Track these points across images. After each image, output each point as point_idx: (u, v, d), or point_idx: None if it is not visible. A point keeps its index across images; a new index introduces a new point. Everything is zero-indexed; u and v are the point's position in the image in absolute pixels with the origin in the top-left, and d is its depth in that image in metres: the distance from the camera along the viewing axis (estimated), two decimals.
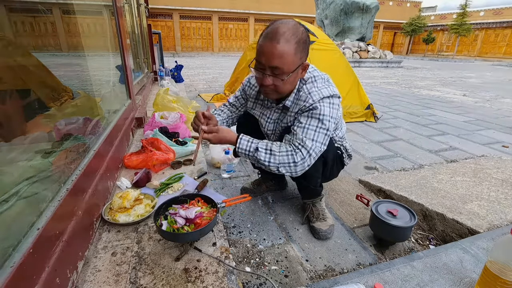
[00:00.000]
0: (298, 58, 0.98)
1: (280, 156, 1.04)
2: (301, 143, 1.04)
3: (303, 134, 1.05)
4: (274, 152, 1.05)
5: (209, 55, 20.09)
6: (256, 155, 1.06)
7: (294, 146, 1.05)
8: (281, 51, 0.93)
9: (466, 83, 7.80)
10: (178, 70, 6.08)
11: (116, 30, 2.21)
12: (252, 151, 1.07)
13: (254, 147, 1.07)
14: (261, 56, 0.97)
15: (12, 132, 0.95)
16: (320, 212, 1.38)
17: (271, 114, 1.25)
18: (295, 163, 1.04)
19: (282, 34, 0.93)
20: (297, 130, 1.07)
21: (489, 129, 3.24)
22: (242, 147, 1.08)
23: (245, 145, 1.08)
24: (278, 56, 0.94)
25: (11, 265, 0.61)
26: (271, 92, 1.06)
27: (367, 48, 13.12)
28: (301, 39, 0.96)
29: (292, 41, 0.94)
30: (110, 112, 1.88)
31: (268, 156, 1.05)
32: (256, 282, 1.06)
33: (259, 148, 1.06)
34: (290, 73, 0.98)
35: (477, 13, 25.08)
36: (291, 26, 0.96)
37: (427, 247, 1.31)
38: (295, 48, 0.95)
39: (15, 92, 1.04)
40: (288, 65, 0.96)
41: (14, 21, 1.09)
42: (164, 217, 1.02)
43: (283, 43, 0.93)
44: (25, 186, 0.81)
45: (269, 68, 0.98)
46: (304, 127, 1.06)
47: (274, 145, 1.07)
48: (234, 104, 1.38)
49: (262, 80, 1.01)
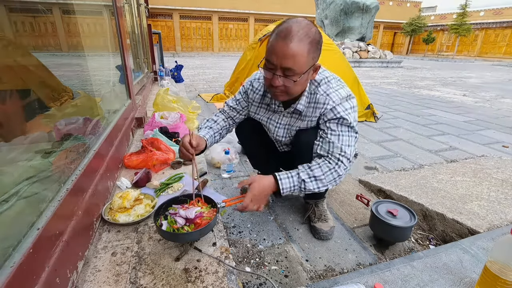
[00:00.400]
0: (311, 59, 0.94)
1: (326, 177, 1.04)
2: (341, 152, 1.04)
3: (340, 141, 1.05)
4: (319, 177, 1.04)
5: (209, 55, 20.09)
6: (303, 187, 1.04)
7: (334, 159, 1.04)
8: (294, 51, 0.89)
9: (466, 83, 7.80)
10: (178, 70, 6.09)
11: (116, 30, 2.21)
12: (297, 185, 1.04)
13: (298, 181, 1.04)
14: (272, 56, 0.93)
15: (12, 132, 0.95)
16: (322, 213, 1.38)
17: (280, 119, 1.20)
18: (340, 176, 1.06)
19: (296, 33, 0.89)
20: (332, 138, 1.05)
21: (489, 129, 3.24)
22: (285, 187, 1.04)
23: (288, 183, 1.04)
24: (291, 56, 0.90)
25: (11, 265, 0.61)
26: (280, 94, 1.02)
27: (367, 48, 13.12)
28: (314, 39, 0.92)
29: (306, 41, 0.90)
30: (110, 112, 1.88)
31: (315, 183, 1.04)
32: (256, 282, 1.06)
33: (305, 180, 1.03)
34: (302, 74, 0.94)
35: (477, 13, 25.09)
36: (304, 25, 0.91)
37: (427, 247, 1.31)
38: (309, 49, 0.91)
39: (15, 92, 1.04)
40: (301, 65, 0.92)
41: (14, 21, 1.09)
42: (164, 217, 1.02)
43: (297, 43, 0.89)
44: (25, 186, 0.81)
45: (280, 69, 0.93)
46: (339, 134, 1.05)
47: (315, 168, 1.04)
48: (235, 108, 1.31)
49: (272, 80, 0.96)
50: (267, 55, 0.96)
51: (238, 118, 1.33)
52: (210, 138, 1.22)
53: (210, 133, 1.23)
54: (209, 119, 1.32)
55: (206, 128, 1.26)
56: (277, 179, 1.04)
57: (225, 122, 1.32)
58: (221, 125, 1.30)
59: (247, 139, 1.45)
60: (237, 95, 1.31)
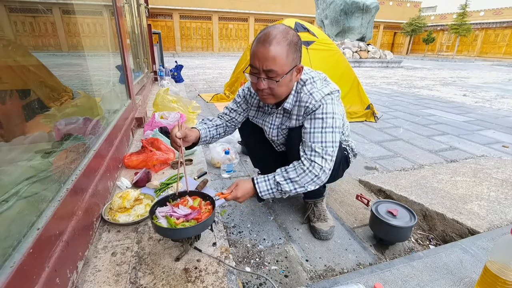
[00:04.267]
0: (291, 60, 0.99)
1: (301, 178, 1.05)
2: (312, 152, 1.05)
3: (310, 139, 1.05)
4: (294, 179, 1.05)
5: (209, 55, 20.09)
6: (280, 189, 1.07)
7: (307, 159, 1.05)
8: (273, 53, 0.94)
9: (466, 83, 7.80)
10: (178, 70, 6.09)
11: (116, 30, 2.21)
12: (274, 187, 1.07)
13: (274, 183, 1.07)
14: (255, 60, 0.99)
15: (12, 132, 0.95)
16: (321, 213, 1.38)
17: (273, 120, 1.23)
18: (317, 176, 1.05)
19: (274, 36, 0.95)
20: (305, 136, 1.07)
21: (489, 129, 3.24)
22: (263, 190, 1.07)
23: (265, 186, 1.08)
24: (271, 58, 0.95)
25: (11, 265, 0.61)
26: (268, 96, 1.06)
27: (367, 48, 13.12)
28: (292, 41, 0.98)
29: (283, 43, 0.96)
30: (110, 112, 1.88)
31: (291, 185, 1.06)
32: (256, 282, 1.06)
33: (280, 182, 1.06)
34: (284, 75, 0.99)
35: (477, 13, 25.08)
36: (282, 30, 0.98)
37: (427, 247, 1.31)
38: (287, 50, 0.96)
39: (15, 92, 1.04)
40: (282, 66, 0.97)
41: (14, 21, 1.09)
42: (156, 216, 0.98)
43: (275, 45, 0.94)
44: (25, 186, 0.81)
45: (263, 72, 0.98)
46: (310, 132, 1.06)
47: (290, 170, 1.07)
48: (235, 110, 1.33)
49: (257, 84, 1.01)
50: (250, 61, 1.01)
51: (237, 120, 1.35)
52: (203, 130, 1.25)
53: (203, 126, 1.27)
54: (203, 119, 1.35)
55: (200, 124, 1.29)
56: (254, 183, 1.09)
57: (221, 120, 1.34)
58: (217, 123, 1.32)
59: (249, 138, 1.47)
60: (237, 98, 1.33)
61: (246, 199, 1.10)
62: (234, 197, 1.08)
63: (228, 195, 1.07)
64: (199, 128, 1.23)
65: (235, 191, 1.08)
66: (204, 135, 1.25)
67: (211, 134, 1.29)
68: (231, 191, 1.08)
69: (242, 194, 1.08)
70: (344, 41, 13.23)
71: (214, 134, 1.30)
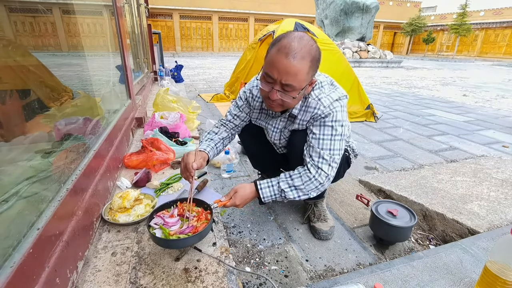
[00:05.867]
0: (310, 76, 0.95)
1: (306, 186, 1.05)
2: (320, 159, 1.04)
3: (319, 146, 1.05)
4: (299, 187, 1.05)
5: (209, 55, 20.09)
6: (283, 196, 1.07)
7: (314, 166, 1.05)
8: (297, 69, 0.89)
9: (466, 83, 7.80)
10: (178, 70, 6.08)
11: (116, 30, 2.21)
12: (278, 194, 1.07)
13: (278, 190, 1.07)
14: (273, 70, 0.91)
15: (12, 132, 0.95)
16: (321, 213, 1.38)
17: (277, 123, 1.22)
18: (322, 184, 1.05)
19: (299, 51, 0.89)
20: (313, 142, 1.06)
21: (489, 129, 3.24)
22: (266, 195, 1.07)
23: (268, 192, 1.07)
24: (292, 73, 0.89)
25: (11, 265, 0.61)
26: (276, 106, 1.02)
27: (367, 48, 13.11)
28: (314, 57, 0.93)
29: (308, 58, 0.90)
30: (110, 112, 1.88)
31: (296, 192, 1.06)
32: (256, 282, 1.06)
33: (285, 190, 1.06)
34: (300, 90, 0.95)
35: (477, 13, 25.07)
36: (306, 43, 0.91)
37: (427, 247, 1.31)
38: (309, 67, 0.92)
39: (15, 92, 1.04)
40: (300, 82, 0.92)
41: (14, 21, 1.09)
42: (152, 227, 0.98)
43: (299, 60, 0.89)
44: (25, 186, 0.81)
45: (279, 84, 0.93)
46: (319, 138, 1.05)
47: (295, 177, 1.06)
48: (238, 116, 1.29)
49: (270, 94, 0.96)
50: (267, 68, 0.94)
51: (241, 126, 1.33)
52: (212, 150, 1.21)
53: (211, 145, 1.22)
54: (209, 131, 1.30)
55: (207, 140, 1.25)
56: (258, 188, 1.08)
57: (226, 132, 1.30)
58: (223, 136, 1.29)
59: (248, 140, 1.46)
60: (239, 102, 1.29)
61: (242, 202, 1.08)
62: (233, 204, 1.06)
63: (227, 203, 1.06)
64: (207, 150, 1.18)
65: (233, 199, 1.06)
66: (212, 157, 1.22)
67: (218, 150, 1.26)
68: (230, 198, 1.07)
69: (241, 202, 1.07)
70: (344, 41, 13.23)
71: (220, 149, 1.28)
